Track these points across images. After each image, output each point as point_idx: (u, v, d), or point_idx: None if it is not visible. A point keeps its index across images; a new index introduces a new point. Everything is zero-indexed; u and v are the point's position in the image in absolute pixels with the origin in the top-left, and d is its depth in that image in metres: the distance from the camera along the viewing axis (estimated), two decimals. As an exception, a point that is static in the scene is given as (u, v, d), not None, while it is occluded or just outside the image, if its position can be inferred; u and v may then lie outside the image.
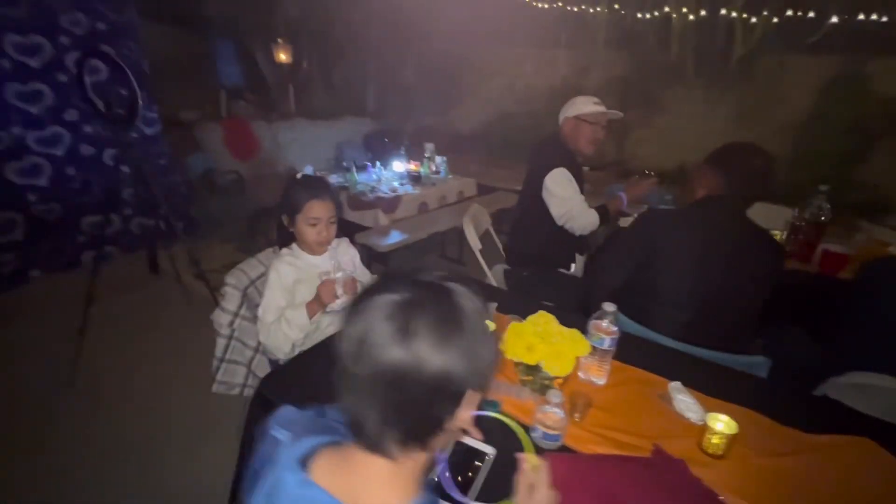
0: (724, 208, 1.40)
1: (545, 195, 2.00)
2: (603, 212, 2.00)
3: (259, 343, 1.51)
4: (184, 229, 3.09)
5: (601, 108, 2.00)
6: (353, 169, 3.86)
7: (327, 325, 1.47)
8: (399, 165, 4.18)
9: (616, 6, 4.14)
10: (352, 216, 3.54)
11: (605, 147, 5.32)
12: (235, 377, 1.53)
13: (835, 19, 3.64)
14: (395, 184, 3.82)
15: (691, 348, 1.32)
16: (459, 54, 5.47)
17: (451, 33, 5.14)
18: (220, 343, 1.50)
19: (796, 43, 4.05)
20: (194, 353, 2.06)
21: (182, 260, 2.64)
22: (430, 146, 4.47)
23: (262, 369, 1.56)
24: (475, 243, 2.19)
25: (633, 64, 4.74)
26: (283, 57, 5.69)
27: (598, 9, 4.21)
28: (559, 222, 2.01)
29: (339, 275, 1.34)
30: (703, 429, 0.95)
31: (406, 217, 3.62)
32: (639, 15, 4.07)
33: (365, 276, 1.55)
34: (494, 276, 2.22)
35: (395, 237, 3.13)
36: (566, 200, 1.96)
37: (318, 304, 1.36)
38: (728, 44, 4.11)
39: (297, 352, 1.40)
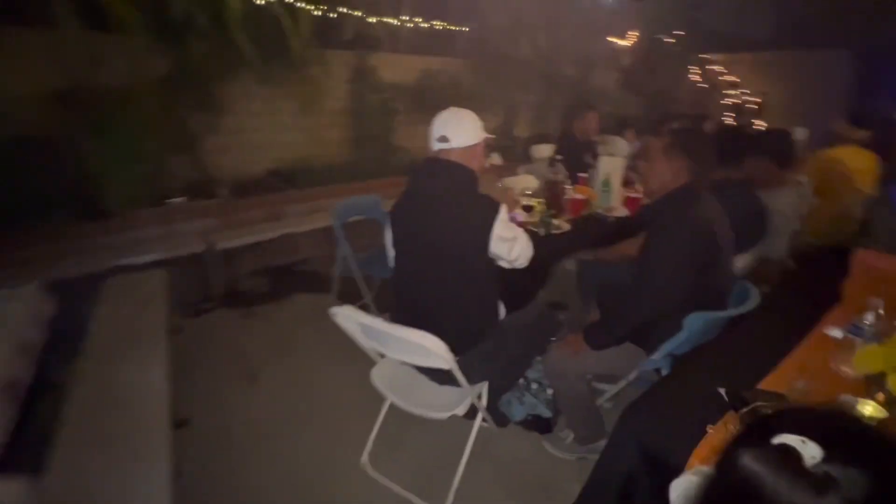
0: (724, 186, 1.73)
1: (496, 246, 1.53)
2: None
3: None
4: None
5: None
6: None
7: None
8: None
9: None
10: None
11: (176, 167, 4.03)
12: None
13: (372, 20, 4.17)
14: None
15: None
16: None
17: None
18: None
19: (332, 40, 4.39)
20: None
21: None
22: None
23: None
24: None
25: (177, 59, 3.61)
26: None
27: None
28: (515, 265, 1.65)
29: None
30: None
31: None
32: (189, -6, 3.01)
33: None
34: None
35: None
36: (518, 238, 1.61)
37: None
38: (283, 37, 3.87)
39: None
